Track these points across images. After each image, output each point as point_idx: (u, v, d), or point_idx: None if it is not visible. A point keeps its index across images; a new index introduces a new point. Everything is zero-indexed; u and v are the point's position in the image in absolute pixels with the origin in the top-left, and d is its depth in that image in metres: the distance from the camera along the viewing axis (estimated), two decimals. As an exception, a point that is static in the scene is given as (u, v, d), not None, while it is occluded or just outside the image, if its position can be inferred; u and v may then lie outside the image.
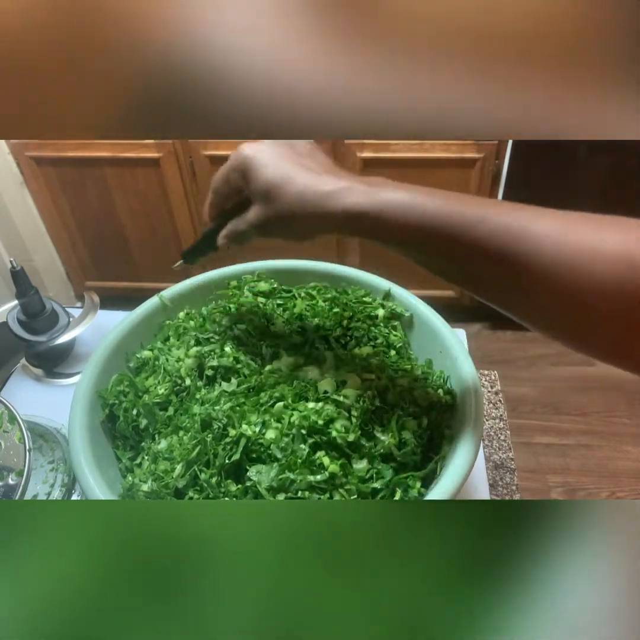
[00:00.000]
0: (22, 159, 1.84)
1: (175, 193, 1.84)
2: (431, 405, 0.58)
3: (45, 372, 0.91)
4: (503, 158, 1.67)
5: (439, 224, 0.40)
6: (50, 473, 0.71)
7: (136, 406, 0.61)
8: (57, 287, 2.15)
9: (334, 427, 0.54)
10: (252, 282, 0.75)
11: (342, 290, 0.74)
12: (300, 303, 0.71)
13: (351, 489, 0.52)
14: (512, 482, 1.30)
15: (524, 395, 1.81)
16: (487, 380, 1.28)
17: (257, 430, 0.55)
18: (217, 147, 1.74)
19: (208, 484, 0.53)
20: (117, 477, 0.59)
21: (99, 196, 1.90)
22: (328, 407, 0.55)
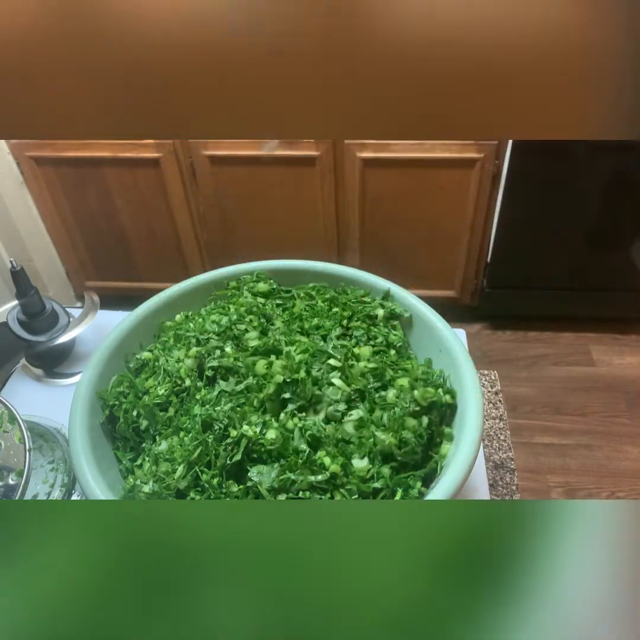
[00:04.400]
0: (22, 159, 1.84)
1: (175, 193, 1.84)
2: (431, 405, 0.59)
3: (45, 372, 0.91)
4: (503, 158, 1.67)
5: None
6: (50, 473, 0.71)
7: (136, 407, 0.61)
8: (57, 287, 2.15)
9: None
10: (251, 282, 0.75)
11: (342, 290, 0.74)
12: (300, 303, 0.71)
13: (352, 489, 0.52)
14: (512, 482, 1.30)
15: (524, 395, 1.81)
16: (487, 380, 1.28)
17: (257, 430, 0.55)
18: (217, 147, 1.74)
19: (209, 484, 0.53)
20: (118, 478, 0.59)
21: (99, 196, 1.90)
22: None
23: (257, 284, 0.74)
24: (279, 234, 1.92)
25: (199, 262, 2.04)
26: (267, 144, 1.60)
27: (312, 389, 0.58)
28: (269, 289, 0.74)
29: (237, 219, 1.90)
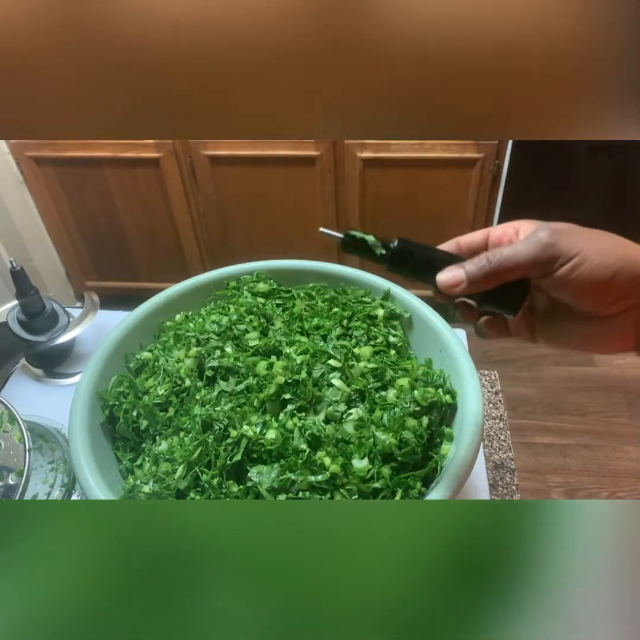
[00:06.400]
0: (22, 159, 1.84)
1: (175, 193, 1.84)
2: (431, 405, 0.59)
3: (45, 372, 0.91)
4: (503, 158, 1.67)
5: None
6: (50, 473, 0.71)
7: (136, 407, 0.61)
8: (57, 287, 2.15)
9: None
10: (251, 282, 0.75)
11: (342, 290, 0.74)
12: (300, 303, 0.71)
13: (352, 489, 0.52)
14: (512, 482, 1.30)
15: (524, 395, 1.81)
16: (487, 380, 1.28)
17: (257, 430, 0.55)
18: (217, 147, 1.74)
19: (209, 485, 0.53)
20: (118, 478, 0.59)
21: (99, 196, 1.90)
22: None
23: (257, 284, 0.74)
24: (279, 233, 1.92)
25: (199, 262, 2.04)
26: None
27: (313, 390, 0.58)
28: (269, 289, 0.74)
29: (237, 219, 1.90)
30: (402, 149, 1.69)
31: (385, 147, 1.70)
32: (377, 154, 1.70)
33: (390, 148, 1.70)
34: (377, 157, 1.71)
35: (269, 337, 0.65)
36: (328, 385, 0.59)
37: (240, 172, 1.77)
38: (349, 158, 1.72)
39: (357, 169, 1.73)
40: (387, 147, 1.70)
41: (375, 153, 1.70)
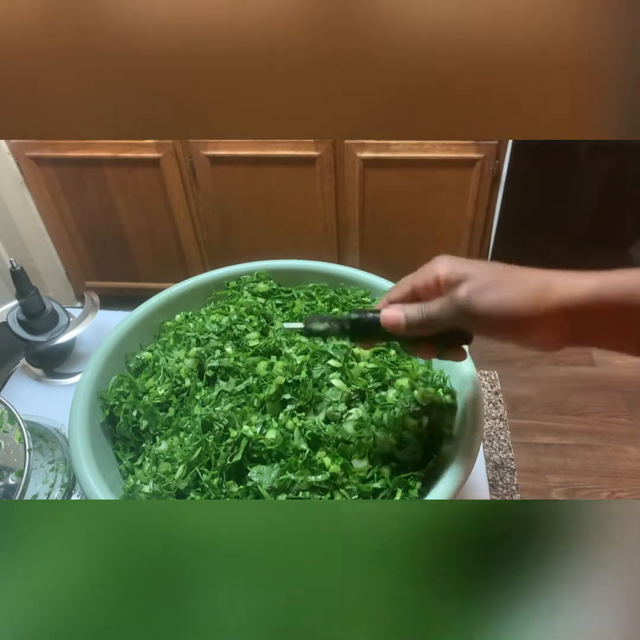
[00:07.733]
0: (22, 159, 1.84)
1: (175, 193, 1.83)
2: (431, 405, 0.59)
3: (45, 372, 0.91)
4: (503, 158, 1.67)
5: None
6: (50, 473, 0.71)
7: (136, 407, 0.61)
8: (57, 287, 2.15)
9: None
10: (251, 282, 0.75)
11: (342, 290, 0.74)
12: (300, 303, 0.71)
13: (352, 489, 0.52)
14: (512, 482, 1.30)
15: (524, 395, 1.81)
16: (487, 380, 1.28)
17: (257, 430, 0.55)
18: (217, 147, 1.74)
19: (210, 485, 0.53)
20: (118, 478, 0.59)
21: (99, 196, 1.90)
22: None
23: (257, 284, 0.74)
24: (279, 234, 1.92)
25: (199, 262, 2.04)
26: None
27: (313, 390, 0.58)
28: (269, 289, 0.74)
29: (237, 219, 1.90)
30: (402, 149, 1.69)
31: (385, 147, 1.70)
32: (377, 154, 1.70)
33: (390, 148, 1.70)
34: (377, 157, 1.71)
35: (269, 337, 0.65)
36: (328, 386, 0.59)
37: (240, 172, 1.77)
38: (349, 158, 1.72)
39: (357, 169, 1.73)
40: (387, 147, 1.70)
41: (375, 153, 1.70)
